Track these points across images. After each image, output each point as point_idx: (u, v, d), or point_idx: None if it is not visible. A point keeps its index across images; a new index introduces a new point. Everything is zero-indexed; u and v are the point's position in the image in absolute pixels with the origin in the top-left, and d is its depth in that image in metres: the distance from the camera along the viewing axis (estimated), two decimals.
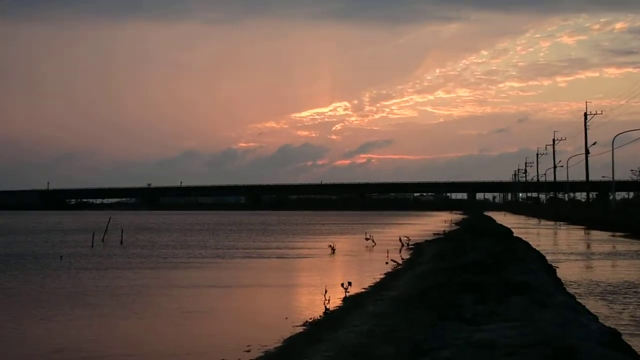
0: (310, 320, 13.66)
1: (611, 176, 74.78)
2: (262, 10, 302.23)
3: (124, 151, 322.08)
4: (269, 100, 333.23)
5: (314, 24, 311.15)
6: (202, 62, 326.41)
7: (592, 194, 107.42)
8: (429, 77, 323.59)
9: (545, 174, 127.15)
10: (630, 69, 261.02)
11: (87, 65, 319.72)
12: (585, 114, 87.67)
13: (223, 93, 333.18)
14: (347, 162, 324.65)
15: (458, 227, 58.82)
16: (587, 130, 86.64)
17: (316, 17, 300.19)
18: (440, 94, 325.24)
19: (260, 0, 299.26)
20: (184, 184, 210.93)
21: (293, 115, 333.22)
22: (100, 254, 32.76)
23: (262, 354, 10.92)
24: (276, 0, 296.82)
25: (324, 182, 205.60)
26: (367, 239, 39.77)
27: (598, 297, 16.85)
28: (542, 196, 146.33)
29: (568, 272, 22.77)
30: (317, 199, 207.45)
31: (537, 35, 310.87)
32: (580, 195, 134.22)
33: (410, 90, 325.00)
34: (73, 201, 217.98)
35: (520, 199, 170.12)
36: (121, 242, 40.73)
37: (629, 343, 8.70)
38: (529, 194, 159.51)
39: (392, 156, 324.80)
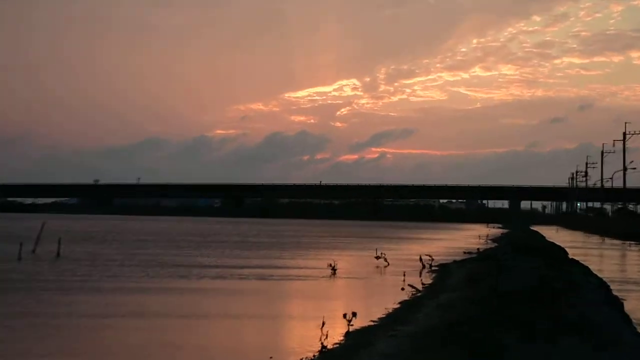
0: None
1: None
2: None
3: (64, 136, 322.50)
4: (256, 75, 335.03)
5: None
6: (170, 25, 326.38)
7: None
8: (463, 49, 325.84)
9: (612, 178, 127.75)
10: None
11: (16, 25, 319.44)
12: None
13: (197, 64, 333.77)
14: (355, 157, 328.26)
15: (496, 244, 59.19)
16: None
17: None
18: (477, 71, 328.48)
19: None
20: (142, 181, 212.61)
21: (286, 95, 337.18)
22: (26, 270, 32.55)
23: None
24: None
25: (324, 182, 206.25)
26: (377, 258, 39.65)
27: None
28: (608, 207, 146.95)
29: (639, 306, 22.67)
30: (315, 204, 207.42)
31: None
32: None
33: (438, 65, 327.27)
34: None
35: (578, 210, 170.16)
36: (58, 255, 40.55)
37: None
38: (589, 204, 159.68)
39: (413, 151, 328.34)
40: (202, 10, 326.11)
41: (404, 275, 31.01)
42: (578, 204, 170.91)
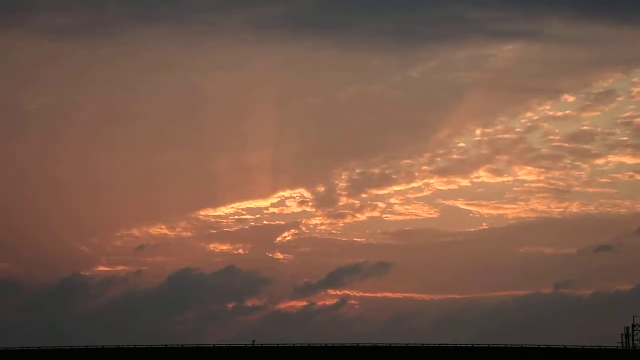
0: None
1: None
2: (159, 14, 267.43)
3: None
4: (158, 183, 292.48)
5: (247, 39, 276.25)
6: (34, 109, 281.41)
7: None
8: (462, 145, 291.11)
9: None
10: None
11: None
12: None
13: (69, 168, 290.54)
14: (304, 303, 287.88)
15: None
16: None
17: (254, 27, 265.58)
18: (483, 176, 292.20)
19: None
20: None
21: (203, 212, 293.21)
22: None
23: None
24: None
25: (258, 342, 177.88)
26: None
27: None
28: None
29: None
30: None
31: None
32: None
33: (426, 168, 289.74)
34: None
35: None
36: None
37: None
38: None
39: (390, 294, 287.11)
40: (74, 89, 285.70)
41: None
42: None
